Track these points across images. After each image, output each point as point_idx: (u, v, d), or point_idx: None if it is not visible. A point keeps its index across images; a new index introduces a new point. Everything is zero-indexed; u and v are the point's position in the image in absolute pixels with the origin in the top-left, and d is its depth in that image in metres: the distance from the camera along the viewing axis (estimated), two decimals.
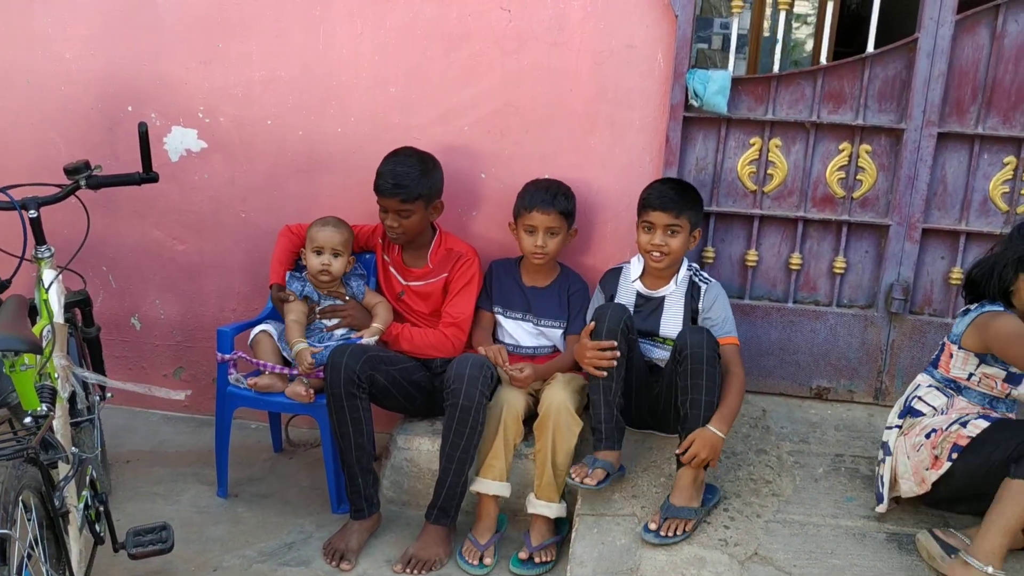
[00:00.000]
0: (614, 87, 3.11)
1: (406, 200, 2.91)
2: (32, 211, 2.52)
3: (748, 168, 3.17)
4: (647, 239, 2.83)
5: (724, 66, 3.17)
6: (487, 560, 2.76)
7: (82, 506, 2.30)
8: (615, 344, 2.66)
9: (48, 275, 2.51)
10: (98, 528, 2.41)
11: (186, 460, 3.33)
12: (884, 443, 2.70)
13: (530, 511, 2.80)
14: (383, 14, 3.16)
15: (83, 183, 2.62)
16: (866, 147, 3.11)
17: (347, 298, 3.08)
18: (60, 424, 2.26)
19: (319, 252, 2.99)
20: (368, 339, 2.94)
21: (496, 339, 3.14)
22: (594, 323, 2.72)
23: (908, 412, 2.66)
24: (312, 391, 2.90)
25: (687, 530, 2.56)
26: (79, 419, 2.59)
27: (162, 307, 3.57)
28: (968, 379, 2.58)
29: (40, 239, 2.56)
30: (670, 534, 2.54)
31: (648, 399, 2.87)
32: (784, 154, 3.15)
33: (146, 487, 3.13)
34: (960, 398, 2.60)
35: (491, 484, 2.79)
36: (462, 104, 3.20)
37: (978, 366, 2.56)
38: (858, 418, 3.19)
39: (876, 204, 3.16)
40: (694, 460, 2.59)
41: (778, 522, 2.67)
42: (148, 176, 2.71)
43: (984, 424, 2.46)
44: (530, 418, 2.89)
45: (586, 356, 2.71)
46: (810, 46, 6.87)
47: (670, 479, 2.77)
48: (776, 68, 3.13)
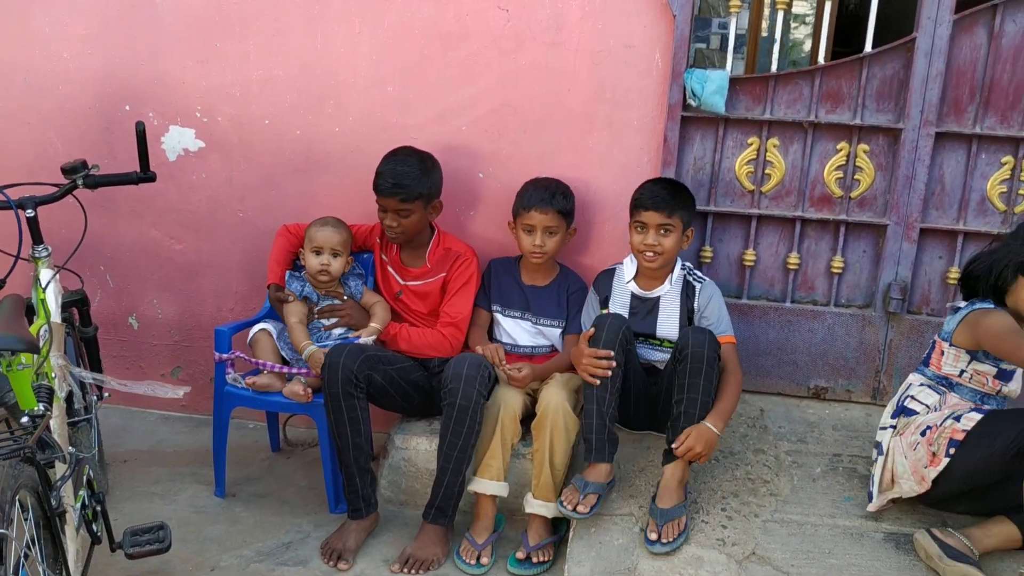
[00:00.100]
0: (612, 87, 3.11)
1: (405, 200, 2.91)
2: (29, 210, 2.52)
3: (746, 168, 3.17)
4: (640, 239, 2.81)
5: (722, 66, 3.17)
6: (484, 560, 2.76)
7: (79, 506, 2.30)
8: (612, 354, 2.64)
9: (45, 274, 2.51)
10: (95, 528, 2.41)
11: (184, 460, 3.33)
12: (877, 443, 2.71)
13: (528, 511, 2.80)
14: (381, 14, 3.16)
15: (80, 182, 2.62)
16: (864, 147, 3.11)
17: (345, 298, 3.08)
18: (57, 424, 2.26)
19: (318, 252, 2.99)
20: (366, 339, 2.94)
21: (494, 338, 3.13)
22: (593, 330, 2.71)
23: (901, 412, 2.66)
24: (310, 391, 2.90)
25: (683, 528, 2.56)
26: (76, 419, 2.58)
27: (160, 307, 3.57)
28: (959, 376, 2.59)
29: (37, 238, 2.56)
30: (671, 538, 2.53)
31: (646, 400, 2.87)
32: (782, 154, 3.15)
33: (143, 487, 3.12)
34: (952, 395, 2.61)
35: (488, 484, 2.79)
36: (460, 104, 3.20)
37: (969, 363, 2.57)
38: (856, 418, 3.19)
39: (874, 204, 3.16)
40: (688, 453, 2.59)
41: (776, 522, 2.67)
42: (146, 176, 2.71)
43: (977, 416, 2.47)
44: (528, 418, 2.88)
45: (582, 362, 2.70)
46: (808, 46, 6.87)
47: None
48: (774, 68, 3.13)
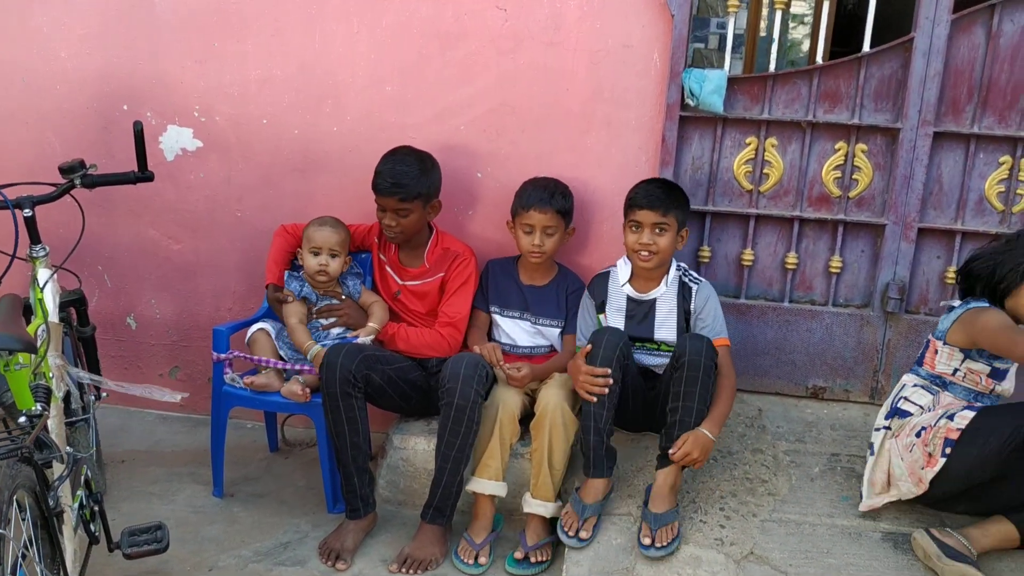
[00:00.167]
0: (610, 86, 3.11)
1: (405, 199, 2.91)
2: (27, 210, 2.52)
3: (744, 167, 3.17)
4: (635, 238, 2.80)
5: (721, 66, 3.17)
6: (482, 559, 2.75)
7: (77, 506, 2.30)
8: (609, 372, 2.62)
9: (43, 274, 2.51)
10: (93, 528, 2.40)
11: (182, 460, 3.32)
12: (870, 443, 2.72)
13: (526, 510, 2.80)
14: (379, 13, 3.16)
15: (78, 182, 2.62)
16: (862, 146, 3.11)
17: (343, 297, 3.07)
18: (55, 423, 2.26)
19: (316, 253, 2.99)
20: (364, 338, 2.94)
21: (493, 339, 3.13)
22: (590, 346, 2.69)
23: (895, 413, 2.66)
24: (308, 390, 2.90)
25: (677, 534, 2.56)
26: (74, 419, 2.59)
27: (158, 306, 3.57)
28: (953, 375, 2.60)
29: (35, 238, 2.56)
30: (665, 543, 2.53)
31: (644, 404, 2.84)
32: (780, 153, 3.15)
33: (141, 487, 3.12)
34: (945, 394, 2.61)
35: (487, 484, 2.79)
36: (458, 103, 3.20)
37: (963, 361, 2.57)
38: (854, 417, 3.19)
39: (872, 203, 3.16)
40: (685, 459, 2.58)
41: (774, 521, 2.68)
42: (143, 175, 2.71)
43: (970, 414, 2.47)
44: (526, 417, 2.88)
45: (580, 379, 2.68)
46: (807, 46, 6.86)
47: None
48: (772, 68, 3.13)
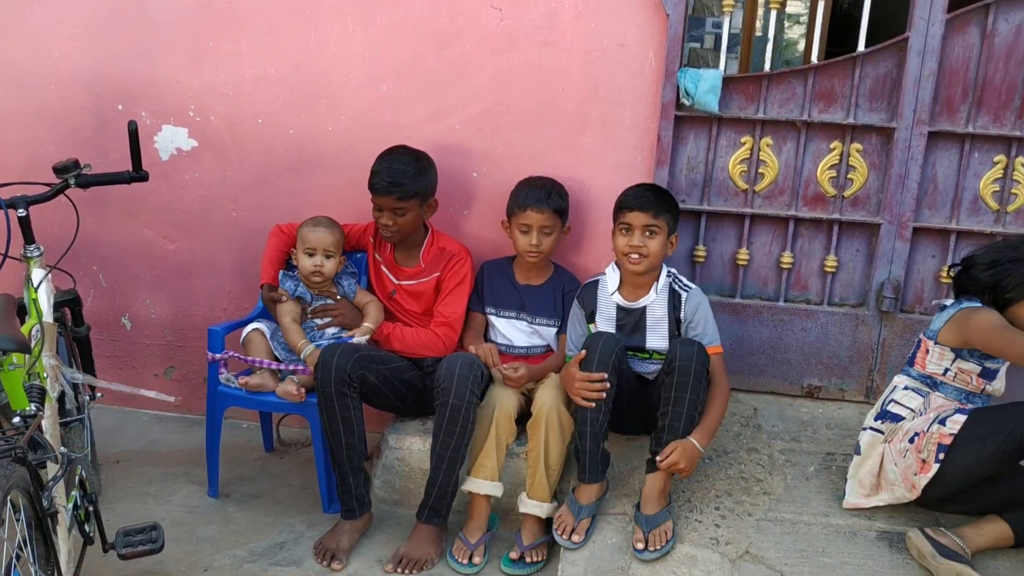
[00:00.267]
0: (605, 86, 3.10)
1: (402, 198, 2.91)
2: (21, 210, 2.51)
3: (739, 167, 3.18)
4: (625, 241, 2.75)
5: (716, 65, 3.17)
6: (476, 559, 2.75)
7: (71, 506, 2.30)
8: (605, 376, 2.61)
9: (37, 274, 2.51)
10: (87, 528, 2.40)
11: (177, 460, 3.32)
12: (857, 442, 2.72)
13: (522, 510, 2.80)
14: (374, 12, 3.15)
15: (72, 182, 2.61)
16: (857, 146, 3.11)
17: (338, 297, 3.07)
18: (49, 424, 2.25)
19: (311, 253, 2.98)
20: (359, 338, 2.93)
21: (489, 340, 3.12)
22: (585, 352, 2.67)
23: (885, 416, 2.66)
24: (303, 390, 2.89)
25: (671, 534, 2.56)
26: (69, 419, 2.58)
27: (153, 306, 3.56)
28: (943, 374, 2.60)
29: (29, 238, 2.55)
30: (660, 546, 2.53)
31: (639, 409, 2.83)
32: (775, 153, 3.15)
33: (136, 487, 3.11)
34: (936, 395, 2.61)
35: (482, 483, 2.79)
36: (453, 103, 3.19)
37: (953, 361, 2.58)
38: (849, 416, 3.19)
39: (867, 203, 3.16)
40: (671, 467, 2.57)
41: (769, 520, 2.68)
42: (138, 175, 2.71)
43: (962, 418, 2.47)
44: (523, 417, 2.88)
45: (574, 386, 2.66)
46: (803, 46, 6.87)
47: None
48: (767, 67, 3.13)
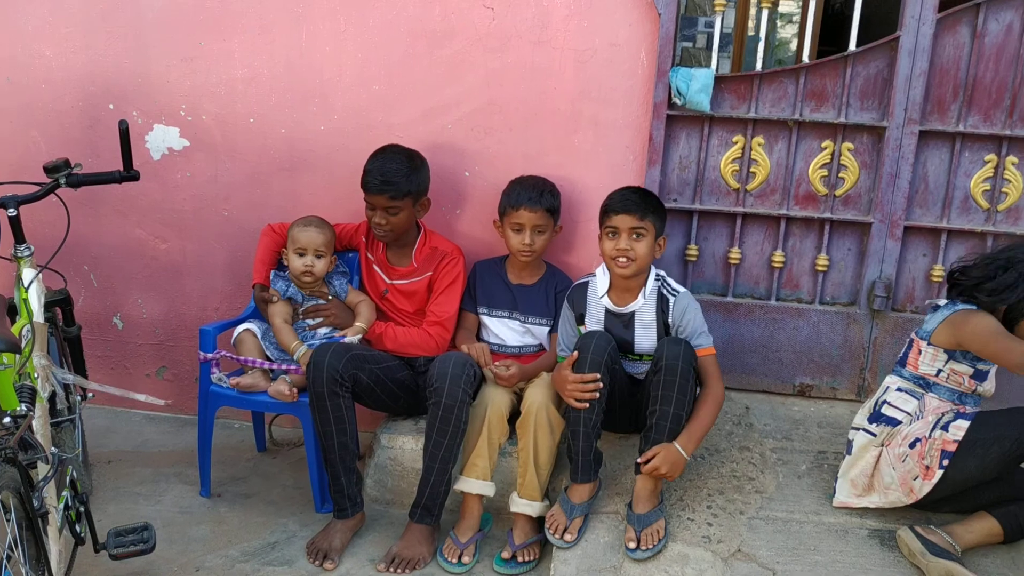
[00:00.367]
0: (597, 86, 3.11)
1: (395, 197, 2.90)
2: (11, 209, 2.51)
3: (731, 166, 3.18)
4: (611, 245, 2.72)
5: (709, 65, 3.17)
6: (466, 559, 2.75)
7: (62, 506, 2.29)
8: (598, 376, 2.60)
9: (28, 274, 2.50)
10: (79, 528, 2.39)
11: (169, 460, 3.31)
12: (849, 441, 2.72)
13: (513, 510, 2.80)
14: (366, 12, 3.15)
15: (63, 181, 2.60)
16: (848, 145, 3.12)
17: (330, 297, 3.07)
18: (40, 424, 2.25)
19: (302, 254, 2.98)
20: (351, 338, 2.93)
21: (481, 340, 3.12)
22: (577, 353, 2.65)
23: (880, 418, 2.65)
24: (295, 390, 2.89)
25: (663, 533, 2.57)
26: (60, 419, 2.57)
27: (144, 306, 3.55)
28: (936, 375, 2.60)
29: (20, 237, 2.55)
30: (652, 544, 2.54)
31: (631, 408, 2.83)
32: (767, 152, 3.16)
33: (128, 487, 3.11)
34: (930, 396, 2.61)
35: (474, 483, 2.79)
36: (445, 102, 3.19)
37: (946, 362, 2.58)
38: (841, 415, 3.20)
39: (858, 202, 3.17)
40: (654, 472, 2.57)
41: (761, 519, 2.68)
42: (129, 174, 2.70)
43: (965, 424, 2.48)
44: (515, 416, 2.88)
45: (567, 388, 2.65)
46: (795, 45, 6.88)
47: None
48: (759, 66, 3.14)
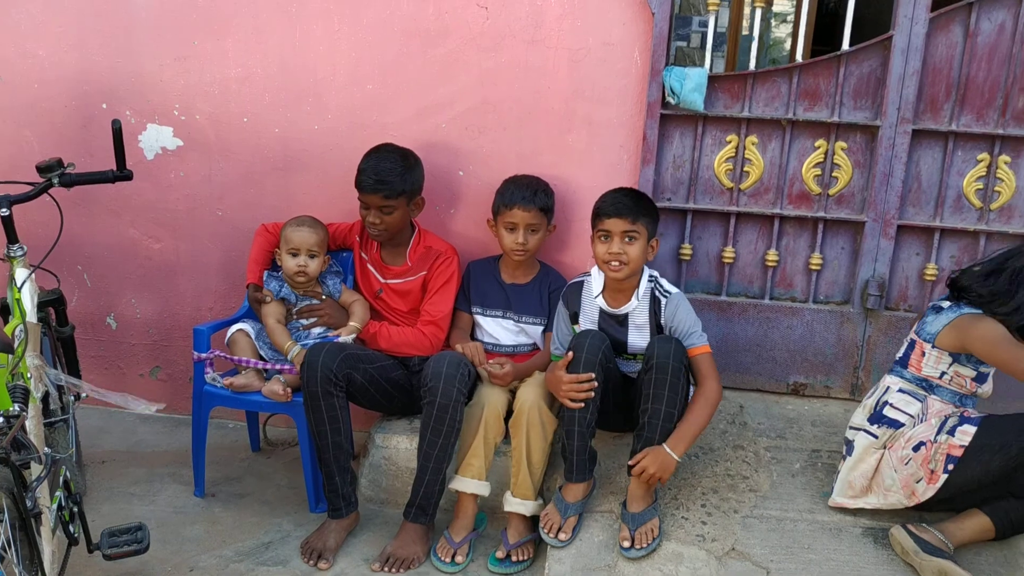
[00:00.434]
0: (591, 85, 3.11)
1: (389, 196, 2.90)
2: (3, 209, 2.50)
3: (725, 165, 3.18)
4: (604, 249, 2.70)
5: (703, 64, 3.17)
6: (459, 558, 2.74)
7: (55, 507, 2.28)
8: (592, 376, 2.60)
9: (20, 274, 2.49)
10: (72, 529, 2.39)
11: (162, 460, 3.31)
12: (849, 441, 2.70)
13: (507, 509, 2.80)
14: (360, 11, 3.15)
15: (56, 181, 2.60)
16: (842, 144, 3.12)
17: (323, 297, 3.07)
18: (33, 424, 2.24)
19: (295, 254, 2.98)
20: (345, 337, 2.93)
21: (475, 339, 3.12)
22: (572, 353, 2.65)
23: (882, 420, 2.64)
24: (289, 390, 2.89)
25: (657, 532, 2.57)
26: (53, 419, 2.56)
27: (138, 306, 3.55)
28: (940, 378, 2.59)
29: (12, 237, 2.54)
30: (646, 543, 2.54)
31: (625, 406, 2.82)
32: (760, 151, 3.16)
33: (122, 487, 3.10)
34: (933, 398, 2.60)
35: (469, 482, 2.79)
36: (439, 101, 3.19)
37: (950, 365, 2.57)
38: (835, 414, 3.21)
39: (852, 201, 3.18)
40: (643, 475, 2.57)
41: (755, 517, 2.69)
42: (122, 174, 2.69)
43: (972, 429, 2.48)
44: (511, 416, 2.87)
45: (562, 388, 2.64)
46: (790, 44, 6.90)
47: None
48: (752, 66, 3.14)
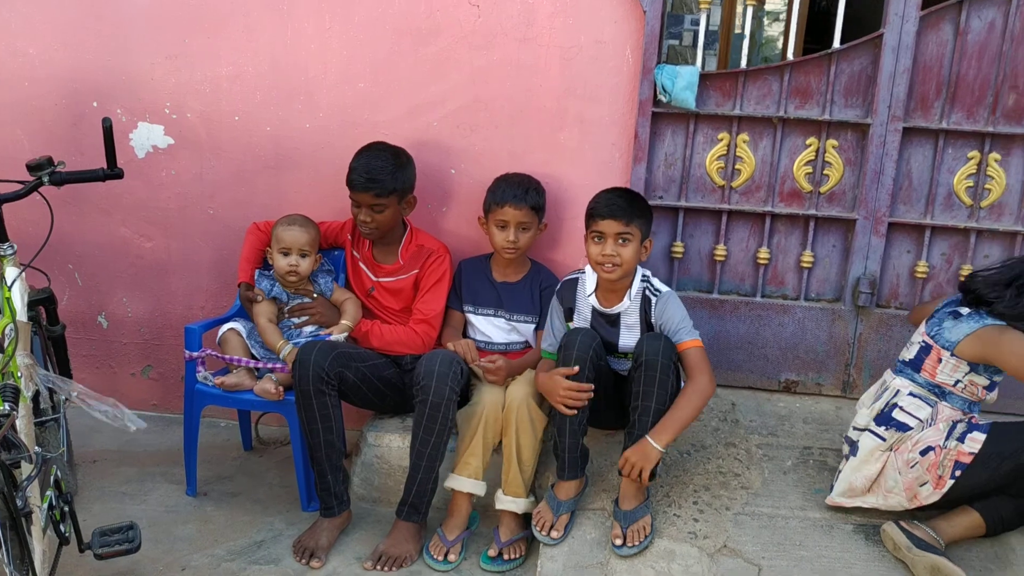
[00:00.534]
0: (583, 83, 3.11)
1: (380, 195, 2.90)
2: None
3: (716, 163, 3.19)
4: (598, 250, 2.70)
5: (695, 62, 3.18)
6: (452, 557, 2.75)
7: (46, 506, 2.27)
8: (591, 387, 2.61)
9: (10, 272, 2.48)
10: (63, 528, 2.38)
11: (154, 459, 3.30)
12: (853, 441, 2.68)
13: (498, 507, 2.80)
14: (351, 9, 3.14)
15: (46, 180, 2.58)
16: (833, 142, 3.13)
17: (315, 296, 3.06)
18: (23, 423, 2.23)
19: (286, 253, 2.97)
20: (337, 336, 2.93)
21: (467, 337, 3.12)
22: (577, 368, 2.64)
23: (890, 422, 2.59)
24: (281, 388, 2.88)
25: (649, 532, 2.58)
26: (44, 418, 2.55)
27: (129, 305, 3.54)
28: (954, 385, 2.55)
29: (2, 236, 2.53)
30: (636, 542, 2.55)
31: (616, 404, 2.83)
32: (752, 149, 3.17)
33: (113, 487, 3.09)
34: (943, 404, 2.56)
35: (465, 481, 2.79)
36: (431, 100, 3.19)
37: (966, 374, 2.53)
38: (826, 411, 3.22)
39: (843, 199, 3.19)
40: (631, 472, 2.57)
41: (747, 514, 2.69)
42: (112, 172, 2.68)
43: (982, 437, 2.48)
44: None
45: (559, 394, 2.63)
46: (783, 43, 6.91)
47: None
48: (743, 64, 3.15)
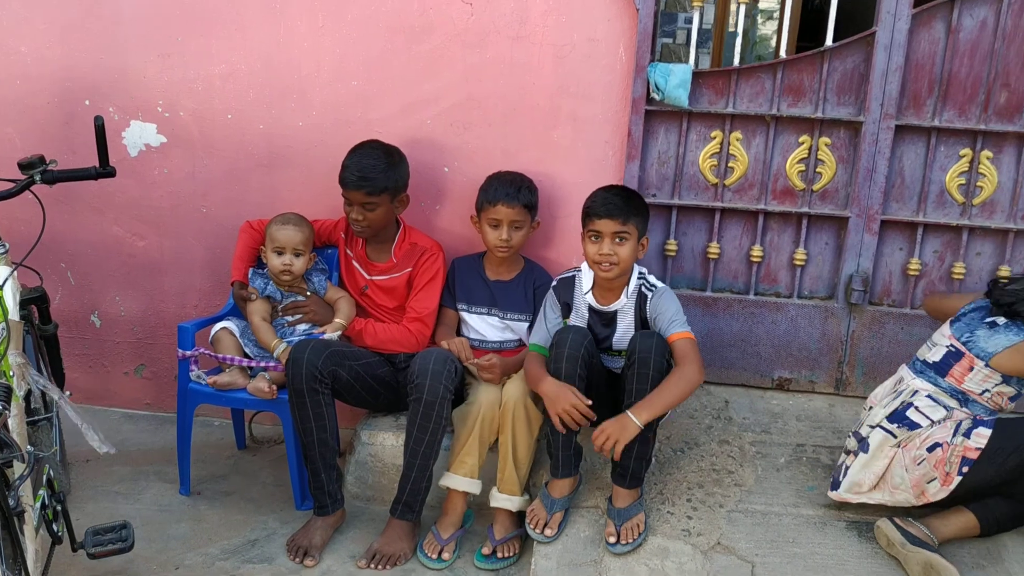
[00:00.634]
0: (576, 81, 3.11)
1: (372, 193, 2.90)
2: None
3: (709, 161, 3.19)
4: (595, 249, 2.70)
5: (688, 60, 3.18)
6: (446, 555, 2.75)
7: (39, 505, 2.27)
8: (595, 418, 2.59)
9: (2, 271, 2.47)
10: (56, 527, 2.37)
11: (147, 458, 3.29)
12: (863, 438, 2.63)
13: (493, 505, 2.80)
14: (344, 7, 3.14)
15: (38, 178, 2.57)
16: (825, 140, 3.14)
17: (308, 294, 3.06)
18: (15, 422, 2.23)
19: (280, 252, 2.97)
20: (331, 334, 2.92)
21: (461, 336, 3.12)
22: (554, 348, 2.65)
23: (903, 420, 2.57)
24: (275, 387, 2.88)
25: (643, 530, 2.58)
26: (37, 417, 2.55)
27: (122, 304, 3.53)
28: (980, 394, 2.53)
29: None
30: (632, 538, 2.56)
31: (610, 401, 2.81)
32: (745, 147, 3.17)
33: (106, 486, 3.09)
34: (962, 411, 2.54)
35: (461, 480, 2.79)
36: (424, 97, 3.19)
37: (996, 385, 2.52)
38: (819, 408, 3.23)
39: (835, 196, 3.19)
40: (606, 443, 2.52)
41: (740, 512, 2.70)
42: (104, 171, 2.66)
43: (987, 432, 2.47)
44: None
45: (563, 406, 2.58)
46: (776, 41, 6.92)
47: None
48: (737, 62, 3.15)
